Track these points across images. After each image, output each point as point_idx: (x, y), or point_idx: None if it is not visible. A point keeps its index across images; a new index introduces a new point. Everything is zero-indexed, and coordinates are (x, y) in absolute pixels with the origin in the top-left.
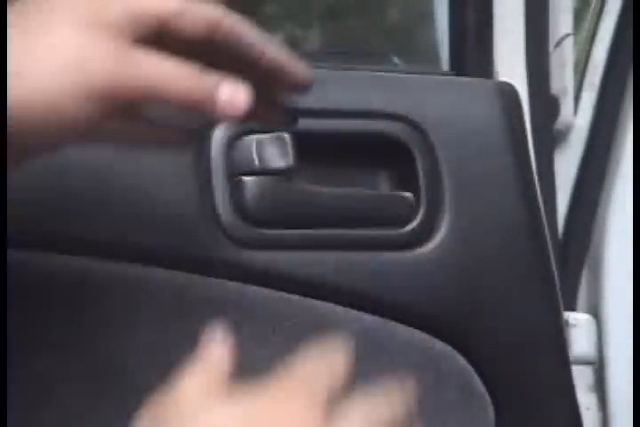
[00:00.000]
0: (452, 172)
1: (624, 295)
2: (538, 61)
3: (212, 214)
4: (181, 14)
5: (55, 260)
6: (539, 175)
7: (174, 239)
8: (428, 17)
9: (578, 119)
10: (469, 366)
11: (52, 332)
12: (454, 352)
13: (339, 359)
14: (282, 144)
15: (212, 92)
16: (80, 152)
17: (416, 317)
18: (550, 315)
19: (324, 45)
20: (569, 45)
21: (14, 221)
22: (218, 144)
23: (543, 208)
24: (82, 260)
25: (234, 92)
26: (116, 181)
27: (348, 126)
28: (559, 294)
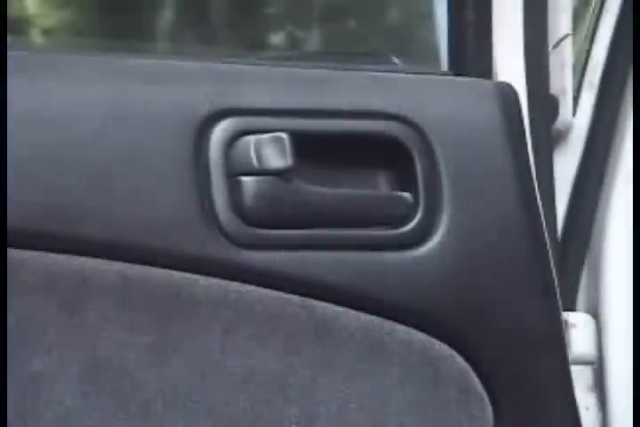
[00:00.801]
0: (451, 172)
1: (624, 295)
2: (537, 61)
3: (211, 214)
4: None
5: (55, 260)
6: (538, 175)
7: (173, 239)
8: (427, 17)
9: (577, 119)
10: (468, 365)
11: (52, 332)
12: (453, 352)
13: None
14: (280, 144)
15: None
16: (80, 152)
17: (415, 316)
18: (549, 315)
19: (323, 45)
20: (568, 45)
21: (14, 221)
22: (216, 144)
23: (542, 208)
24: (81, 260)
25: None
26: (115, 181)
27: (346, 126)
28: (558, 293)
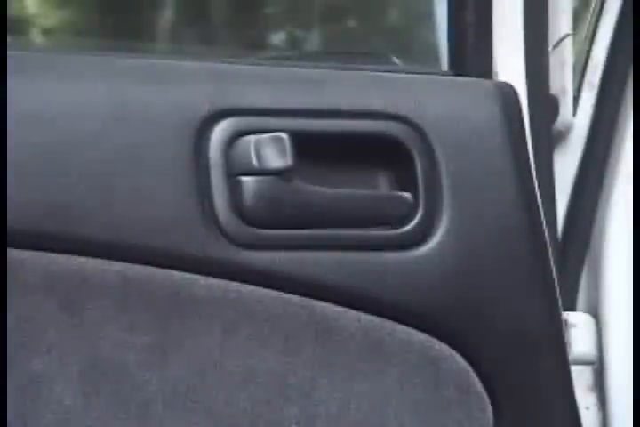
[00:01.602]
0: (451, 172)
1: (624, 295)
2: (537, 61)
3: (211, 214)
4: None
5: (55, 260)
6: (538, 175)
7: (173, 239)
8: (427, 17)
9: (577, 119)
10: (468, 365)
11: (52, 332)
12: (453, 352)
13: None
14: (280, 144)
15: None
16: (80, 152)
17: (415, 316)
18: (549, 315)
19: (323, 45)
20: (568, 45)
21: (14, 221)
22: (216, 144)
23: (542, 208)
24: (81, 260)
25: None
26: (115, 181)
27: (346, 126)
28: (558, 293)
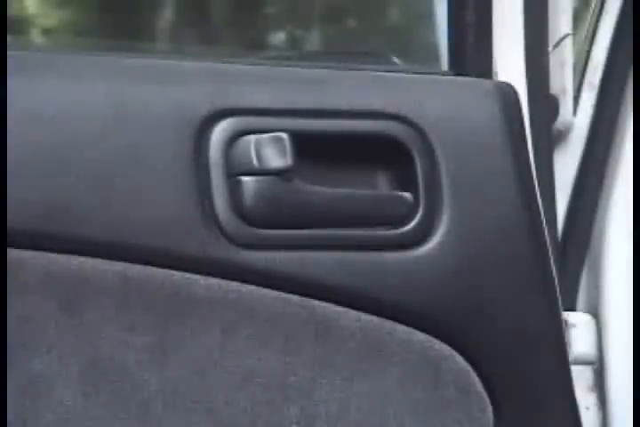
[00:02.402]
0: (451, 172)
1: (624, 295)
2: (537, 61)
3: (211, 214)
4: None
5: (55, 260)
6: (538, 175)
7: (173, 239)
8: (427, 17)
9: (577, 119)
10: (468, 365)
11: (52, 332)
12: (453, 352)
13: None
14: (280, 144)
15: None
16: (80, 152)
17: (415, 316)
18: (549, 315)
19: (323, 45)
20: (568, 45)
21: (14, 221)
22: (216, 144)
23: (542, 208)
24: (81, 260)
25: None
26: (115, 181)
27: (346, 126)
28: (558, 293)
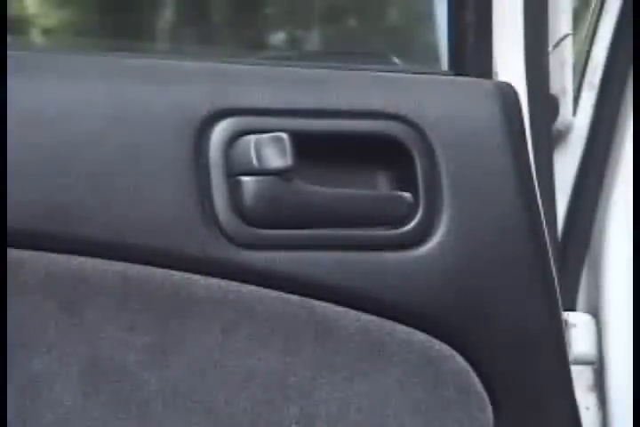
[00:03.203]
0: (451, 172)
1: (624, 295)
2: (537, 61)
3: (211, 214)
4: None
5: (55, 260)
6: (538, 175)
7: (173, 239)
8: (427, 17)
9: (577, 119)
10: (468, 365)
11: (52, 332)
12: (453, 352)
13: None
14: (280, 144)
15: None
16: (80, 152)
17: (415, 316)
18: (549, 315)
19: (323, 45)
20: (568, 45)
21: (14, 222)
22: (216, 144)
23: (542, 208)
24: (81, 260)
25: None
26: (115, 181)
27: (346, 126)
28: (558, 293)
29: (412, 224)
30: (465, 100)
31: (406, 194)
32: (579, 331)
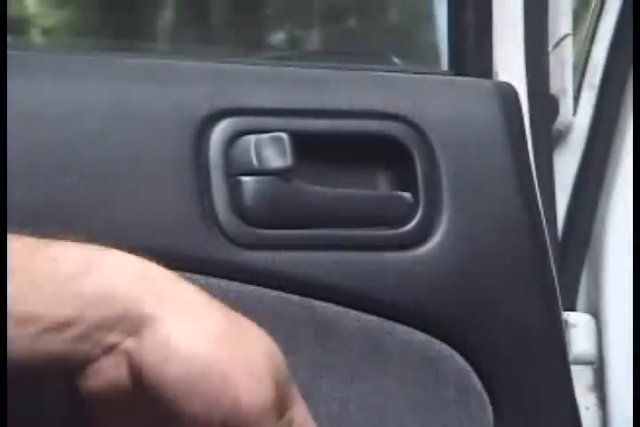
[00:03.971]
0: (451, 172)
1: (624, 295)
2: (537, 61)
3: (211, 214)
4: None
5: None
6: (538, 175)
7: (172, 239)
8: (427, 17)
9: (577, 119)
10: (468, 365)
11: None
12: (453, 352)
13: None
14: (280, 144)
15: None
16: (79, 152)
17: (415, 317)
18: (549, 315)
19: (323, 45)
20: (568, 45)
21: (13, 222)
22: (216, 144)
23: (542, 208)
24: None
25: None
26: (115, 181)
27: (346, 126)
28: (558, 293)
29: (412, 224)
30: (465, 100)
31: (406, 194)
32: (579, 331)
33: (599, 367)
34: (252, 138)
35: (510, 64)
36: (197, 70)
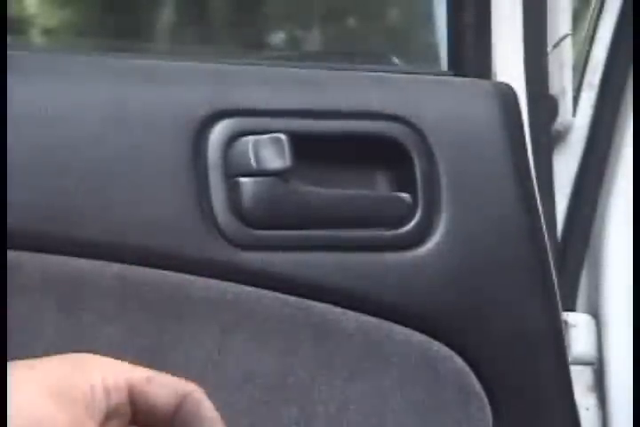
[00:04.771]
0: (450, 172)
1: (624, 295)
2: (536, 62)
3: (209, 215)
4: (149, 382)
5: (53, 261)
6: (537, 176)
7: (171, 240)
8: (427, 17)
9: (577, 120)
10: (467, 366)
11: (50, 333)
12: (452, 353)
13: None
14: (279, 145)
15: None
16: (79, 152)
17: (414, 317)
18: (548, 315)
19: (323, 45)
20: (568, 45)
21: (13, 223)
22: (215, 145)
23: (542, 209)
24: (80, 261)
25: None
26: (114, 182)
27: (345, 127)
28: (557, 294)
29: (411, 225)
30: (464, 101)
31: (405, 195)
32: (579, 331)
33: (599, 368)
34: (250, 139)
35: (509, 64)
36: (196, 71)
